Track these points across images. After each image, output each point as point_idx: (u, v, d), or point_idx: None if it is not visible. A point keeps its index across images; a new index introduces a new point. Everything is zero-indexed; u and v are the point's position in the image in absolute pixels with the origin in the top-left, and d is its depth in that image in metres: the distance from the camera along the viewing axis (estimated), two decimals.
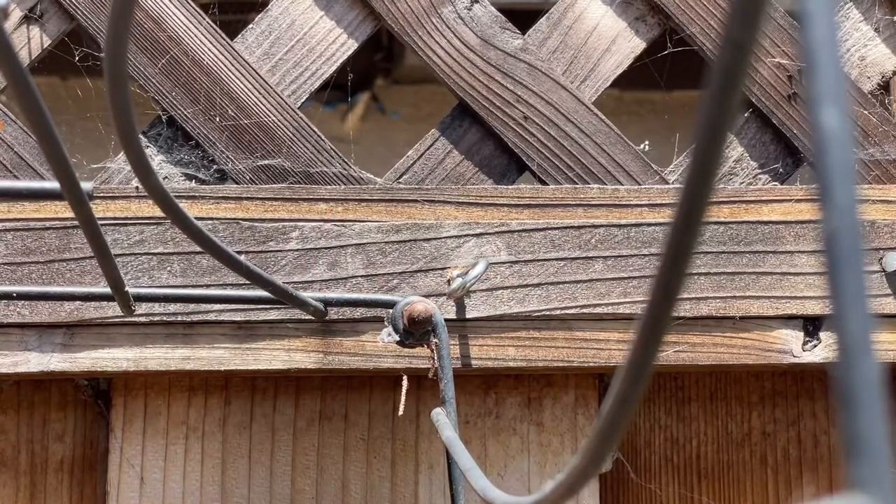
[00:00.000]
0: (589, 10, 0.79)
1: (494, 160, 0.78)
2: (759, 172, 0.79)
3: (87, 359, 0.71)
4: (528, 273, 0.73)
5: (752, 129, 0.79)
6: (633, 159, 0.77)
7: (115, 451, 0.74)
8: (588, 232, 0.74)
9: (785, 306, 0.74)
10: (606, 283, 0.73)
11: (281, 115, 0.76)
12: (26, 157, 0.75)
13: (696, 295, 0.73)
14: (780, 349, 0.73)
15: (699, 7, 0.77)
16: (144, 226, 0.73)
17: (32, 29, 0.76)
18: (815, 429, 0.79)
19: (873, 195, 0.75)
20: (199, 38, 0.76)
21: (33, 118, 0.36)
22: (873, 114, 0.78)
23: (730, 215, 0.74)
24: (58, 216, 0.72)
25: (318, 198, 0.74)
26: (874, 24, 0.80)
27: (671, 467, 0.77)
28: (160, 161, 0.76)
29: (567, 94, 0.77)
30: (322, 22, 0.78)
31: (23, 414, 0.76)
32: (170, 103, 0.76)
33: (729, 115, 0.23)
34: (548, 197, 0.74)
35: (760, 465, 0.78)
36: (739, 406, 0.79)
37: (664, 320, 0.28)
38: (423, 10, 0.77)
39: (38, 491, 0.76)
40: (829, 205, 0.21)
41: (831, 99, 0.21)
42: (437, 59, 0.77)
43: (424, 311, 0.68)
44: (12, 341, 0.71)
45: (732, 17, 0.22)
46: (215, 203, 0.73)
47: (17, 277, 0.71)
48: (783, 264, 0.74)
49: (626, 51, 0.79)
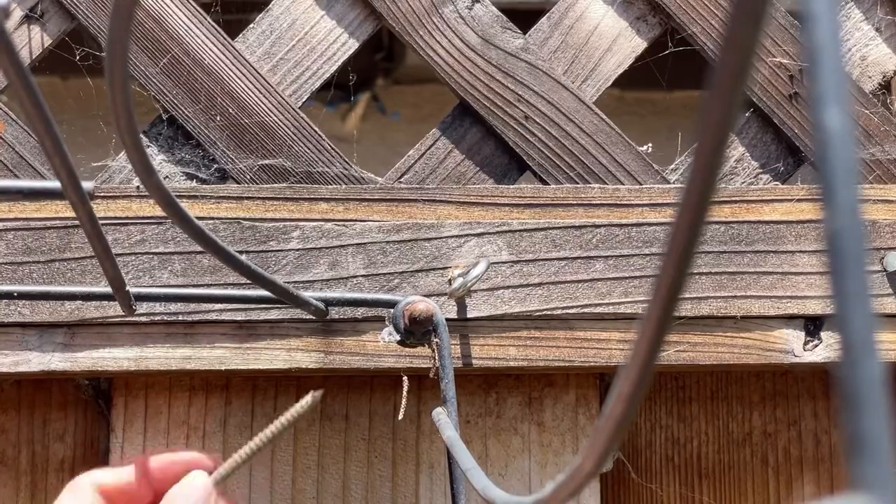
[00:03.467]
0: (590, 10, 0.79)
1: (495, 160, 0.78)
2: (760, 172, 0.79)
3: (88, 358, 0.71)
4: (529, 273, 0.73)
5: (753, 129, 0.79)
6: (635, 159, 0.77)
7: (115, 450, 0.74)
8: (589, 232, 0.74)
9: (786, 306, 0.74)
10: (607, 283, 0.73)
11: (282, 114, 0.76)
12: (27, 157, 0.75)
13: (698, 294, 0.73)
14: (781, 349, 0.73)
15: (700, 7, 0.77)
16: (145, 225, 0.73)
17: (33, 28, 0.76)
18: (817, 429, 0.79)
19: (874, 195, 0.75)
20: (200, 38, 0.76)
21: (34, 117, 0.36)
22: (874, 113, 0.78)
23: (731, 215, 0.74)
24: (58, 215, 0.72)
25: (319, 197, 0.74)
26: (875, 24, 0.80)
27: (672, 467, 0.77)
28: (161, 160, 0.76)
29: (568, 94, 0.77)
30: (323, 21, 0.78)
31: (24, 413, 0.76)
32: (170, 103, 0.76)
33: (731, 117, 0.23)
34: (549, 196, 0.74)
35: (761, 465, 0.78)
36: (740, 406, 0.79)
37: (667, 320, 0.27)
38: (424, 9, 0.77)
39: (38, 490, 0.76)
40: (832, 205, 0.21)
41: (834, 99, 0.21)
42: (438, 58, 0.77)
43: (425, 310, 0.68)
44: (13, 341, 0.71)
45: (735, 17, 0.22)
46: (216, 203, 0.73)
47: (18, 277, 0.71)
48: (784, 264, 0.74)
49: (626, 50, 0.79)
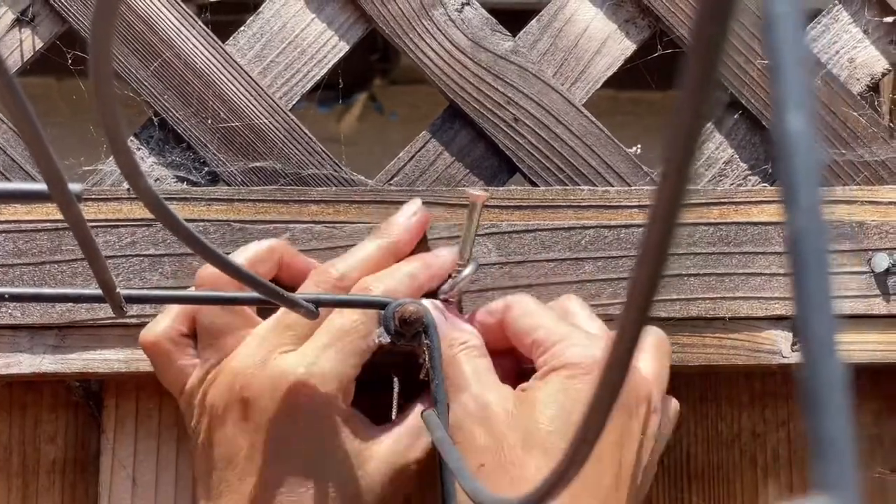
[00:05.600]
0: (579, 13, 0.79)
1: (485, 162, 0.78)
2: (749, 174, 0.79)
3: (79, 360, 0.71)
4: (518, 274, 0.74)
5: (741, 131, 0.79)
6: (624, 161, 0.77)
7: (106, 452, 0.75)
8: (578, 233, 0.74)
9: (774, 307, 0.74)
10: (596, 285, 0.74)
11: (272, 117, 0.76)
12: (18, 160, 0.76)
13: (687, 296, 0.74)
14: (769, 350, 0.73)
15: (688, 9, 0.78)
16: (136, 227, 0.73)
17: (24, 31, 0.76)
18: (805, 429, 0.79)
19: (862, 196, 0.75)
20: (192, 41, 0.76)
21: (19, 120, 0.37)
22: (862, 115, 0.78)
23: (720, 216, 0.75)
24: (49, 218, 0.72)
25: (309, 199, 0.74)
26: (863, 26, 0.80)
27: (661, 469, 0.77)
28: (152, 163, 0.76)
29: (558, 96, 0.77)
30: (314, 24, 0.78)
31: (14, 415, 0.76)
32: (162, 106, 0.76)
33: (702, 116, 0.23)
34: (538, 198, 0.75)
35: (750, 465, 0.78)
36: (729, 407, 0.79)
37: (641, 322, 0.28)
38: (413, 12, 0.77)
39: (30, 492, 0.76)
40: (794, 206, 0.21)
41: (797, 102, 0.22)
42: (427, 61, 0.77)
43: (415, 311, 0.68)
44: (4, 343, 0.71)
45: (702, 13, 0.22)
46: (206, 205, 0.73)
47: (9, 279, 0.71)
48: (772, 265, 0.74)
49: (616, 53, 0.79)
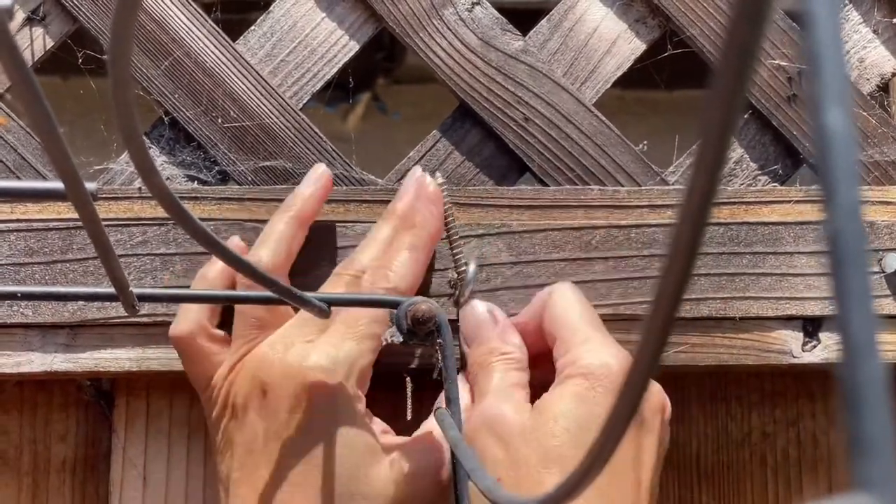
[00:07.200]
0: (589, 13, 0.79)
1: (495, 161, 0.78)
2: (758, 174, 0.79)
3: (90, 359, 0.71)
4: (529, 274, 0.74)
5: (752, 131, 0.79)
6: (634, 160, 0.78)
7: (117, 451, 0.75)
8: (588, 233, 0.74)
9: (784, 307, 0.74)
10: (607, 284, 0.74)
11: (283, 116, 0.76)
12: (29, 158, 0.76)
13: (697, 296, 0.74)
14: (779, 350, 0.74)
15: (699, 9, 0.78)
16: (147, 226, 0.73)
17: (35, 30, 0.76)
18: (815, 429, 0.79)
19: (873, 196, 0.75)
20: (202, 40, 0.76)
21: (36, 118, 0.37)
22: (872, 115, 0.78)
23: (730, 216, 0.75)
24: (60, 216, 0.72)
25: None
26: (873, 26, 0.80)
27: (671, 468, 0.77)
28: (162, 162, 0.76)
29: (568, 96, 0.77)
30: (324, 24, 0.78)
31: (25, 414, 0.76)
32: (172, 105, 0.76)
33: (733, 120, 0.23)
34: (548, 198, 0.75)
35: (760, 465, 0.78)
36: (739, 406, 0.79)
37: (668, 325, 0.28)
38: (424, 12, 0.77)
39: (40, 491, 0.76)
40: (833, 206, 0.21)
41: (835, 100, 0.22)
42: (438, 60, 0.77)
43: (428, 311, 0.68)
44: (16, 341, 0.71)
45: (737, 18, 0.22)
46: (217, 204, 0.73)
47: (21, 278, 0.71)
48: (783, 265, 0.74)
49: (626, 53, 0.79)
